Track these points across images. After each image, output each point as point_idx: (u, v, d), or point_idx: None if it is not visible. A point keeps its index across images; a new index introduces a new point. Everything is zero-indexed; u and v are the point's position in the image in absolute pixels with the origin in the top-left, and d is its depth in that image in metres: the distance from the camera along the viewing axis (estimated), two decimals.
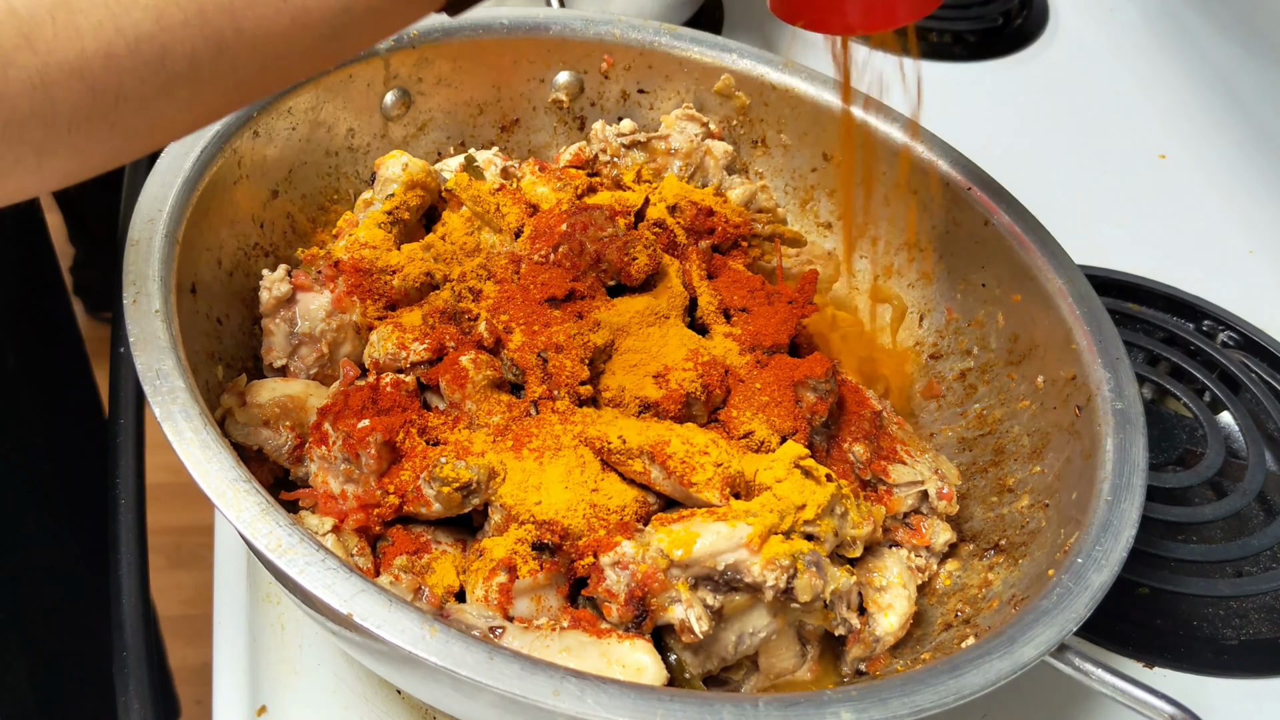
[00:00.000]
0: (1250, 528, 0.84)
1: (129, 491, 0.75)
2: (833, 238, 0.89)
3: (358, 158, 0.82)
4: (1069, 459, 0.68)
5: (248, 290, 0.72)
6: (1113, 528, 0.61)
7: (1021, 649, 0.54)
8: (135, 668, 0.67)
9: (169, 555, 1.82)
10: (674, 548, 0.58)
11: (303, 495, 0.63)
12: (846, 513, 0.63)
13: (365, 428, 0.62)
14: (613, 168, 0.85)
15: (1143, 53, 1.32)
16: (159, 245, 0.63)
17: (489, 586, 0.60)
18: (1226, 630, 0.79)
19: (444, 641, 0.49)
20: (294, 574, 0.50)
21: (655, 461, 0.62)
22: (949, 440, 0.78)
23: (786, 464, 0.62)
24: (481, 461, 0.62)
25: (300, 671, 0.68)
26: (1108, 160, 1.18)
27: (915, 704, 0.51)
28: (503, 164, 0.82)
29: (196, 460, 0.54)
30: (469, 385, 0.66)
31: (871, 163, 0.84)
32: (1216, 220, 1.12)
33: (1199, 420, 0.89)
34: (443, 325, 0.69)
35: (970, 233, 0.80)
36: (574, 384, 0.66)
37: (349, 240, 0.74)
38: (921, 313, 0.84)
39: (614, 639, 0.58)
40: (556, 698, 0.48)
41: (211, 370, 0.66)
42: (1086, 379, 0.69)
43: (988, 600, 0.65)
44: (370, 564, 0.61)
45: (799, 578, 0.59)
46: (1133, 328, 0.97)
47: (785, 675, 0.65)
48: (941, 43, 1.30)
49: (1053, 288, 0.74)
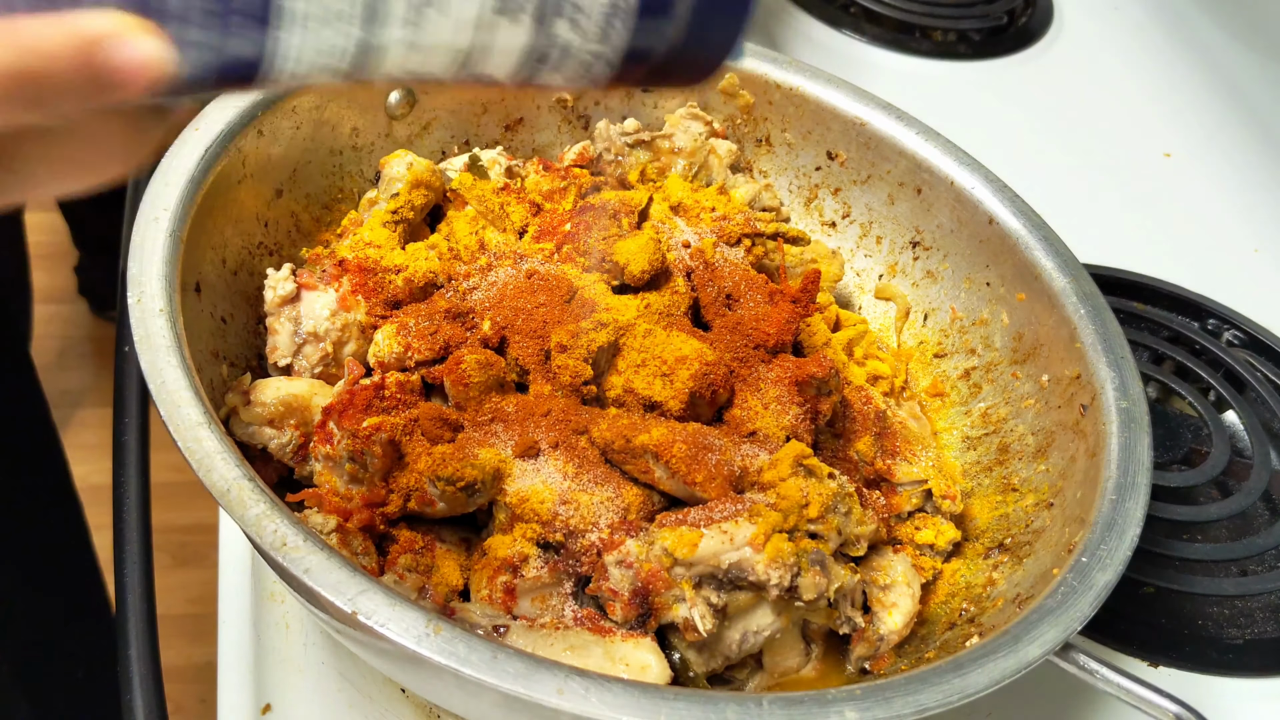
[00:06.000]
0: (1255, 527, 0.84)
1: (134, 490, 0.75)
2: (836, 236, 0.89)
3: (362, 157, 0.82)
4: (1073, 458, 0.68)
5: (252, 289, 0.72)
6: (1117, 527, 0.61)
7: (1026, 648, 0.54)
8: (140, 666, 0.67)
9: (174, 554, 1.82)
10: (678, 547, 0.58)
11: (307, 495, 0.63)
12: (850, 511, 0.63)
13: (370, 427, 0.62)
14: (617, 167, 0.85)
15: (1147, 51, 1.32)
16: (163, 244, 0.63)
17: (493, 585, 0.60)
18: (1231, 630, 0.79)
19: (448, 640, 0.49)
20: (298, 573, 0.50)
21: (660, 460, 0.62)
22: (953, 439, 0.78)
23: (790, 463, 0.62)
24: (485, 461, 0.62)
25: (304, 670, 0.68)
26: (1112, 159, 1.18)
27: (919, 703, 0.51)
28: (507, 163, 0.82)
29: (201, 459, 0.54)
30: (473, 384, 0.66)
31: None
32: (1221, 219, 1.12)
33: (1204, 419, 0.89)
34: (447, 324, 0.69)
35: (974, 231, 0.80)
36: (578, 383, 0.66)
37: (353, 239, 0.74)
38: (925, 311, 0.84)
39: (618, 638, 0.58)
40: (560, 696, 0.48)
41: (216, 369, 0.66)
42: (1091, 378, 0.69)
43: (992, 599, 0.65)
44: (374, 563, 0.61)
45: (803, 576, 0.59)
46: (1137, 326, 0.96)
47: (789, 674, 0.65)
48: (946, 41, 1.30)
49: (1057, 286, 0.74)
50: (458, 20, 0.37)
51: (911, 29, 1.30)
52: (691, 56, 0.41)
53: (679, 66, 0.41)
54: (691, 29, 0.40)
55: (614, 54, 0.40)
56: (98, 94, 0.31)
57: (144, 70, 0.31)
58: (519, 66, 0.39)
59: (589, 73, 0.40)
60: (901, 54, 1.26)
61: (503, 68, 0.39)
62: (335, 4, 0.35)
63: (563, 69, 0.40)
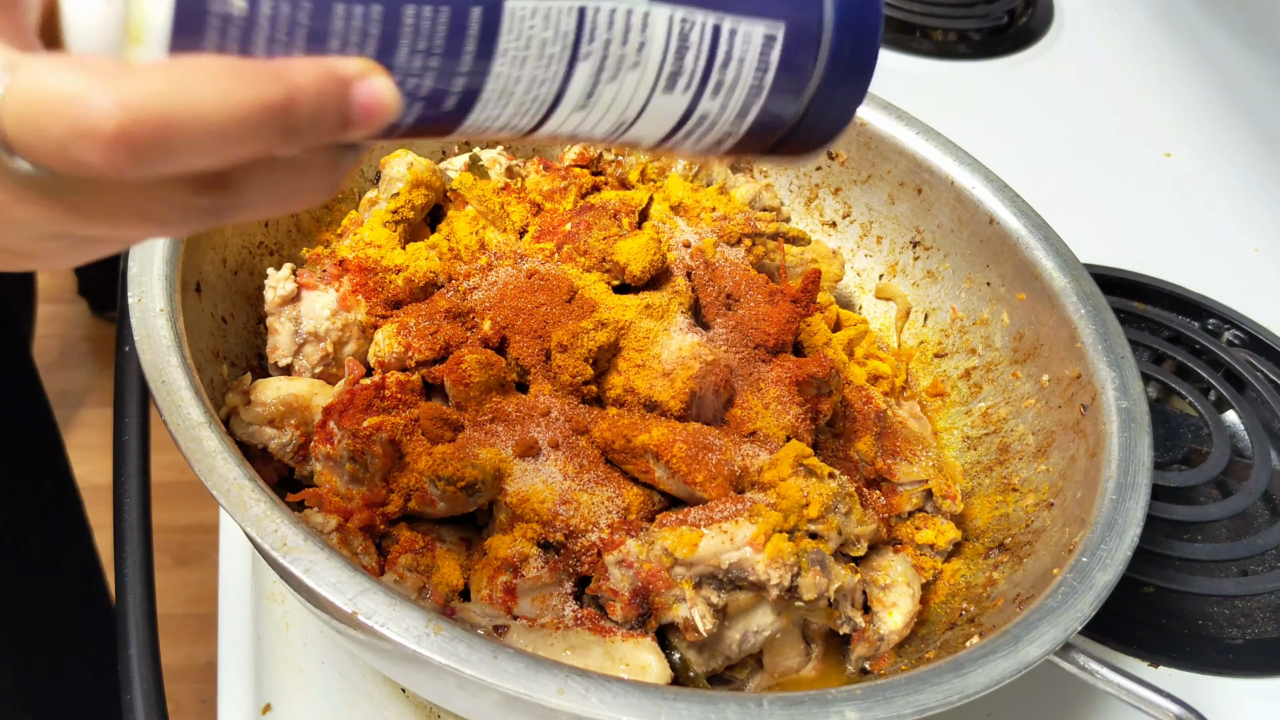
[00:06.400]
0: (1255, 527, 0.84)
1: (134, 490, 0.75)
2: (837, 236, 0.89)
3: (362, 156, 0.82)
4: (1074, 458, 0.68)
5: (252, 289, 0.72)
6: (1118, 526, 0.61)
7: (1026, 648, 0.54)
8: (140, 666, 0.67)
9: (174, 554, 1.82)
10: (678, 546, 0.58)
11: (308, 495, 0.63)
12: (850, 511, 0.63)
13: (370, 427, 0.62)
14: (617, 166, 0.85)
15: (1148, 51, 1.32)
16: (163, 244, 0.63)
17: (493, 585, 0.60)
18: (1232, 629, 0.79)
19: (448, 640, 0.49)
20: (299, 572, 0.50)
21: (660, 460, 0.62)
22: (954, 439, 0.78)
23: (790, 462, 0.62)
24: (486, 460, 0.62)
25: (305, 670, 0.68)
26: (1113, 159, 1.18)
27: (919, 703, 0.51)
28: (507, 163, 0.82)
29: (201, 459, 0.54)
30: (473, 384, 0.66)
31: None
32: (1222, 218, 1.12)
33: (1204, 419, 0.89)
34: (447, 324, 0.69)
35: (975, 231, 0.80)
36: (578, 383, 0.66)
37: (354, 239, 0.74)
38: (926, 311, 0.84)
39: (618, 638, 0.58)
40: (561, 696, 0.48)
41: (216, 369, 0.66)
42: (1091, 378, 0.69)
43: (992, 599, 0.65)
44: (375, 563, 0.61)
45: (803, 576, 0.59)
46: (1138, 326, 0.96)
47: (790, 674, 0.65)
48: (946, 41, 1.30)
49: (1057, 286, 0.74)
50: (631, 92, 0.39)
51: (911, 29, 1.29)
52: (808, 134, 0.44)
53: (797, 142, 0.44)
54: (813, 107, 0.42)
55: (744, 129, 0.42)
56: (341, 130, 0.34)
57: (379, 111, 0.34)
58: (666, 135, 0.42)
59: (719, 146, 0.43)
60: (901, 54, 1.26)
61: (652, 135, 0.42)
62: (537, 72, 0.37)
63: (699, 140, 0.43)
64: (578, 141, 0.42)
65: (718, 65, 0.40)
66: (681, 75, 0.39)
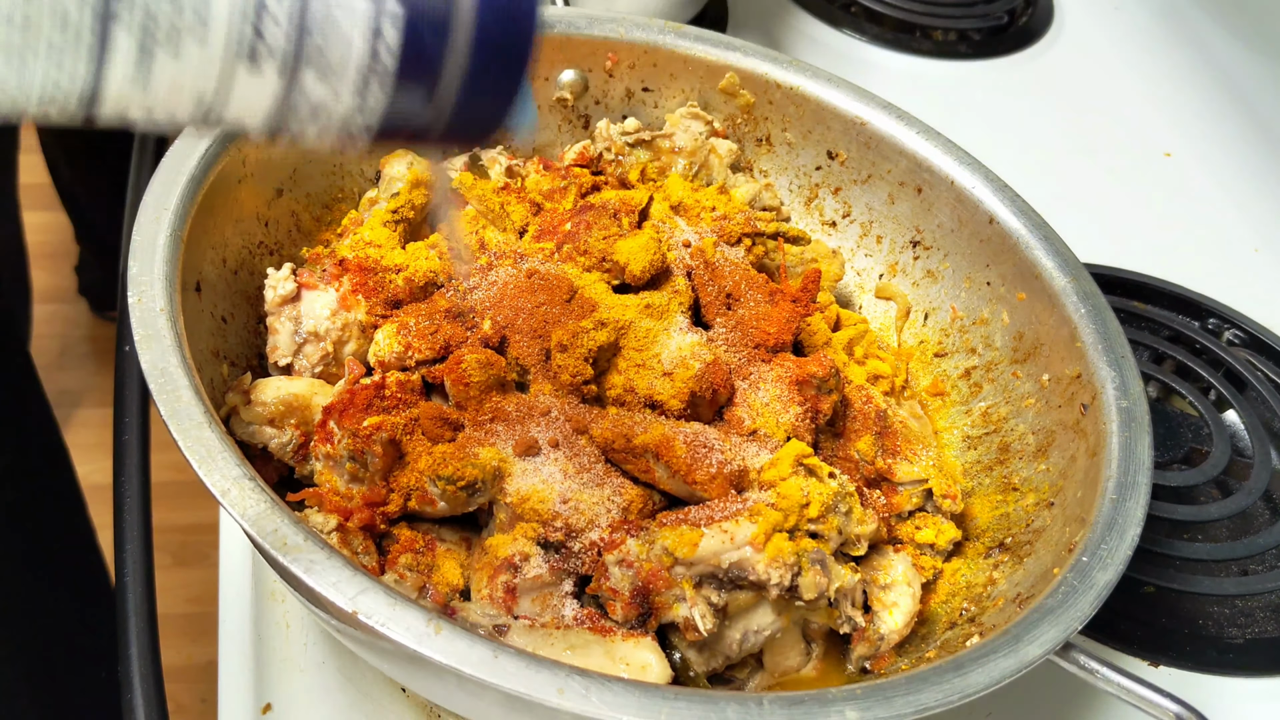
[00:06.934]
0: (1256, 526, 0.84)
1: (134, 490, 0.75)
2: (837, 236, 0.89)
3: (362, 156, 0.82)
4: (1074, 457, 0.68)
5: (252, 289, 0.72)
6: (1118, 526, 0.61)
7: (1026, 648, 0.54)
8: (140, 666, 0.67)
9: (174, 553, 1.82)
10: (678, 546, 0.58)
11: (308, 495, 0.63)
12: (850, 511, 0.63)
13: (370, 426, 0.62)
14: (617, 166, 0.85)
15: (1148, 50, 1.32)
16: (163, 244, 0.63)
17: (494, 585, 0.60)
18: (1232, 629, 0.79)
19: (448, 640, 0.49)
20: (299, 572, 0.50)
21: (660, 459, 0.62)
22: (954, 438, 0.78)
23: (790, 462, 0.62)
24: (486, 460, 0.62)
25: (305, 669, 0.68)
26: (1113, 158, 1.18)
27: (920, 702, 0.51)
28: (507, 163, 0.82)
29: (201, 458, 0.54)
30: (473, 384, 0.66)
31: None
32: (1222, 218, 1.12)
33: (1204, 418, 0.89)
34: (447, 324, 0.69)
35: (975, 231, 0.80)
36: (578, 383, 0.66)
37: (354, 239, 0.74)
38: (926, 311, 0.84)
39: (618, 637, 0.58)
40: (561, 696, 0.48)
41: (216, 369, 0.66)
42: (1092, 377, 0.69)
43: (992, 599, 0.65)
44: (375, 562, 0.61)
45: (803, 575, 0.59)
46: (1138, 326, 0.96)
47: (790, 673, 0.65)
48: (946, 41, 1.30)
49: (1057, 286, 0.74)
50: (198, 65, 0.37)
51: (912, 28, 1.30)
52: (461, 122, 0.41)
53: (449, 130, 0.41)
54: (460, 95, 0.40)
55: (372, 116, 0.40)
56: None
57: None
58: (268, 119, 0.39)
59: (347, 130, 0.41)
60: (902, 53, 1.26)
61: (252, 119, 0.39)
62: (53, 36, 0.34)
63: (316, 124, 0.40)
64: (161, 127, 0.39)
65: (313, 44, 0.37)
66: (264, 52, 0.37)
